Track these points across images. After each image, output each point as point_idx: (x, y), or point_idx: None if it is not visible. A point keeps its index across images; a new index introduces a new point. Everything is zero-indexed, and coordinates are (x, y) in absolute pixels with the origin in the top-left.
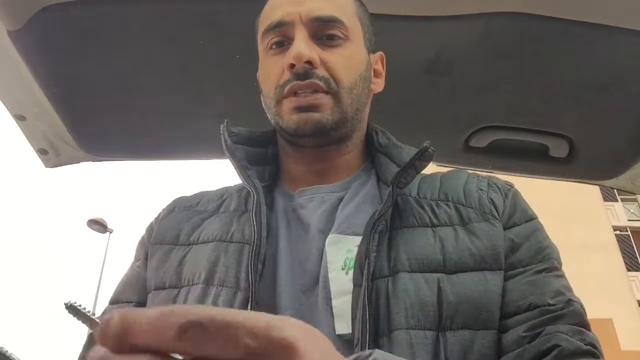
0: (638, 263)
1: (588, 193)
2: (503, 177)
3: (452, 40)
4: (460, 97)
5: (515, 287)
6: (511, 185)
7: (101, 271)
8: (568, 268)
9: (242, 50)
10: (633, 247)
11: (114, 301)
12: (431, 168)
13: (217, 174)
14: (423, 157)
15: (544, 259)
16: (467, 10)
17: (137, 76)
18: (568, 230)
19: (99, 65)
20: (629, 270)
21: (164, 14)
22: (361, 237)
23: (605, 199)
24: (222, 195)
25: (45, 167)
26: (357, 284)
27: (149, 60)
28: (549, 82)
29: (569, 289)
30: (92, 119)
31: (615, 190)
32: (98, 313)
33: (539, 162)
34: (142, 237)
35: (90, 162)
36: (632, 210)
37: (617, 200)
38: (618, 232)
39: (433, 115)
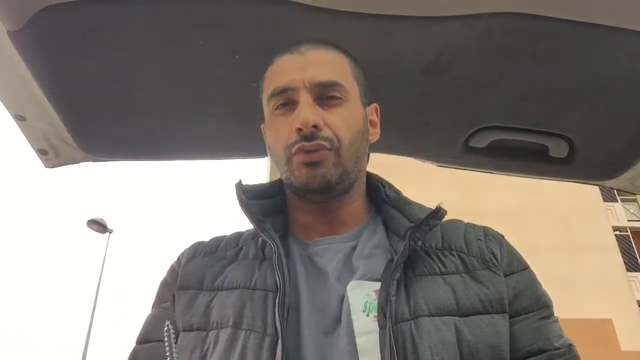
0: (638, 263)
1: (588, 193)
2: (503, 177)
3: (452, 41)
4: (460, 97)
5: (523, 333)
6: (502, 236)
7: (101, 271)
8: (568, 268)
9: (242, 50)
10: (633, 247)
11: (143, 341)
12: (432, 168)
13: (218, 174)
14: (436, 217)
15: (543, 307)
16: (467, 10)
17: (137, 76)
18: (568, 230)
19: (99, 65)
20: (628, 270)
21: (164, 14)
22: (378, 282)
23: (605, 199)
24: (238, 241)
25: (45, 167)
26: (382, 326)
27: (149, 60)
28: (549, 82)
29: (563, 331)
30: (92, 119)
31: (615, 190)
32: (97, 316)
33: (538, 162)
34: (165, 280)
35: (90, 162)
36: (632, 211)
37: (617, 201)
38: (618, 232)
39: (433, 115)
